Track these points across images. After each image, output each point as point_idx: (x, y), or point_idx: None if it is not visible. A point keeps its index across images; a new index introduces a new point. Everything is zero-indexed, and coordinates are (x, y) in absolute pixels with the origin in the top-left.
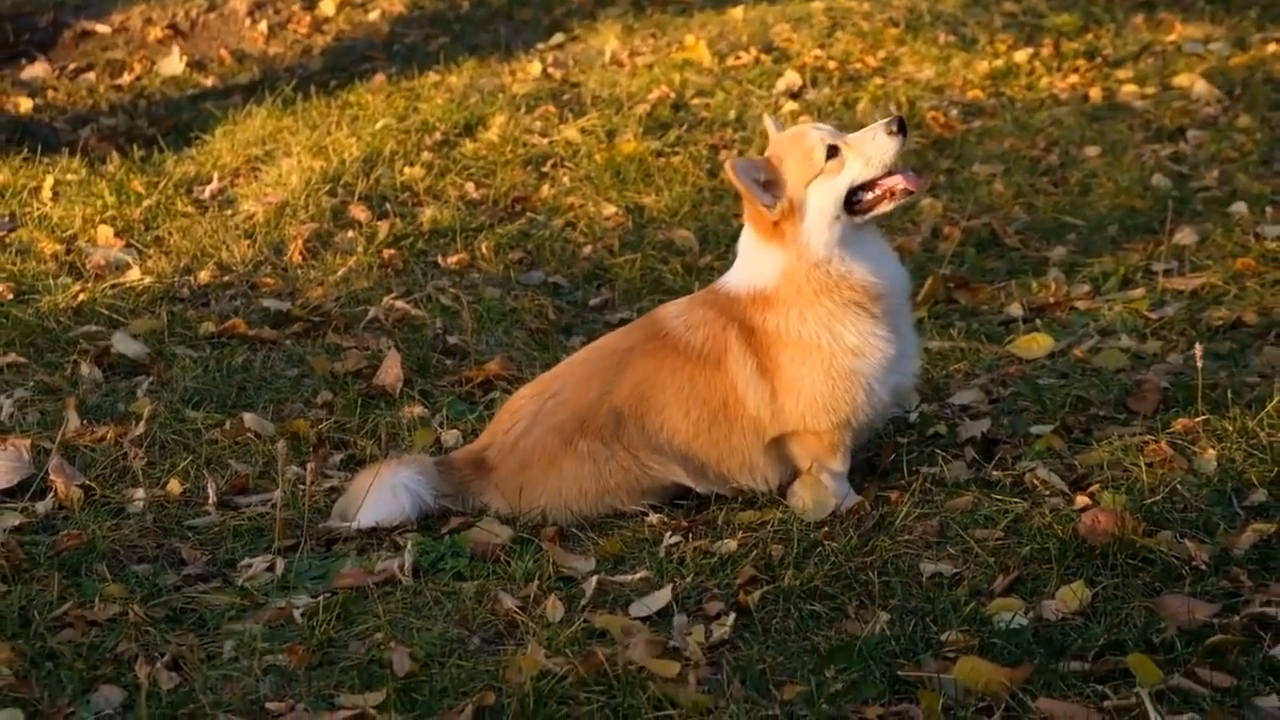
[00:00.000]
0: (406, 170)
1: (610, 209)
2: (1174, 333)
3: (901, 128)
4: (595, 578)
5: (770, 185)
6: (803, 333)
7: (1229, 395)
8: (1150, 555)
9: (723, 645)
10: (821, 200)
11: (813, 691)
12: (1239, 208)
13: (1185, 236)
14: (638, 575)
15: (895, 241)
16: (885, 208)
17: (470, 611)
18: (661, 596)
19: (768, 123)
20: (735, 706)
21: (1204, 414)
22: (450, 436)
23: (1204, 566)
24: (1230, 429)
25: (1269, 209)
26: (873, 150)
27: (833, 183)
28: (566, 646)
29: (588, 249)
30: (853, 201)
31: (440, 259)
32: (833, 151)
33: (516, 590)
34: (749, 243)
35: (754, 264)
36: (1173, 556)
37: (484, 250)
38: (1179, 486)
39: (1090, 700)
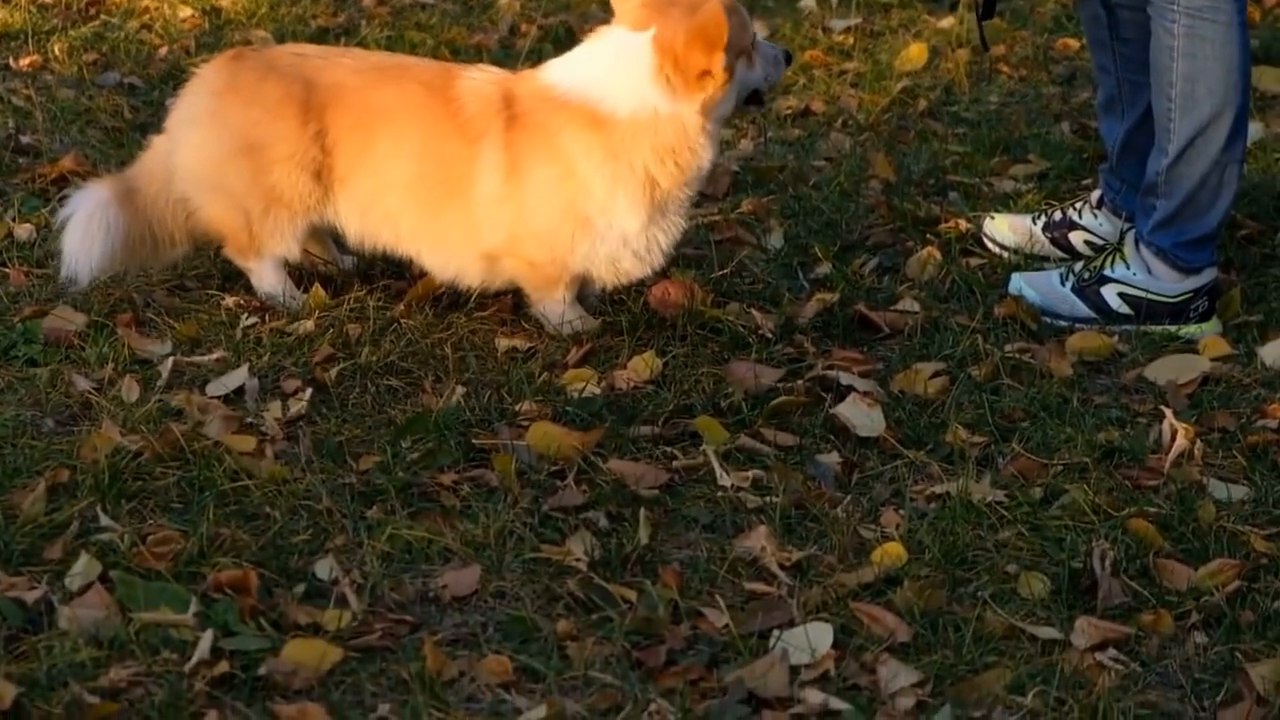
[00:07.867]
0: None
1: (186, 11)
2: (745, 121)
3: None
4: (171, 359)
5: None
6: (580, 165)
7: (796, 178)
8: (719, 326)
9: (300, 420)
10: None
11: (389, 460)
12: (808, 3)
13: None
14: (214, 356)
15: (473, 39)
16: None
17: (44, 395)
18: (238, 376)
19: None
20: (312, 477)
21: (773, 194)
22: (23, 230)
23: (770, 335)
24: (798, 208)
25: (835, 2)
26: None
27: (752, 74)
28: (143, 424)
29: (164, 50)
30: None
31: (11, 61)
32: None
33: (91, 374)
34: (630, 59)
35: (614, 80)
36: (740, 326)
37: (57, 52)
38: (747, 261)
39: (660, 460)
